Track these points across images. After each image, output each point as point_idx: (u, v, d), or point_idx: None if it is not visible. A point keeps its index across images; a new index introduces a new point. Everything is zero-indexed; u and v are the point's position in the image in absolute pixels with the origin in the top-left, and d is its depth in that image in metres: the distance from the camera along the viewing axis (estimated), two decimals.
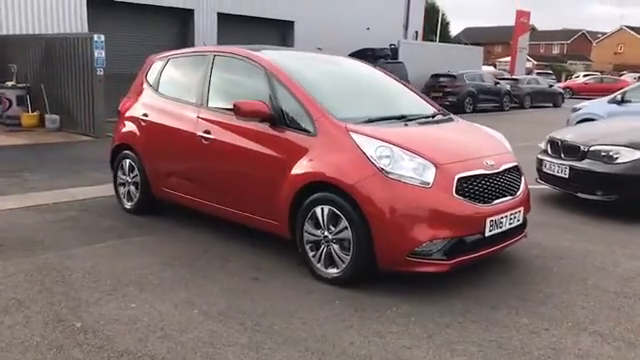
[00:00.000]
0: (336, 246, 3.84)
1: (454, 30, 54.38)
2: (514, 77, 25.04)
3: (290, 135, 4.13)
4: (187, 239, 4.87)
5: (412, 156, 3.73)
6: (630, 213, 5.74)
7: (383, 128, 4.08)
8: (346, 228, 3.75)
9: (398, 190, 3.62)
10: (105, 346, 2.99)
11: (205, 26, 18.33)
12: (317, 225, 3.94)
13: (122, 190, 5.80)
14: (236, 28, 19.26)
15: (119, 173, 5.81)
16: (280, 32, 21.42)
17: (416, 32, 25.90)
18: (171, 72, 5.49)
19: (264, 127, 4.29)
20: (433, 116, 4.68)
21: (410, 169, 3.67)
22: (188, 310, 3.47)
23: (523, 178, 4.34)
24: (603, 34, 60.55)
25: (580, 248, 4.80)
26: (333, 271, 3.88)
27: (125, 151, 5.69)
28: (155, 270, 4.12)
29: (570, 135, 6.32)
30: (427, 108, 4.86)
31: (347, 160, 3.80)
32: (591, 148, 5.84)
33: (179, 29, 17.91)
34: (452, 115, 4.88)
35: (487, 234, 3.80)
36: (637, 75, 34.88)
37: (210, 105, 4.83)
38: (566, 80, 40.38)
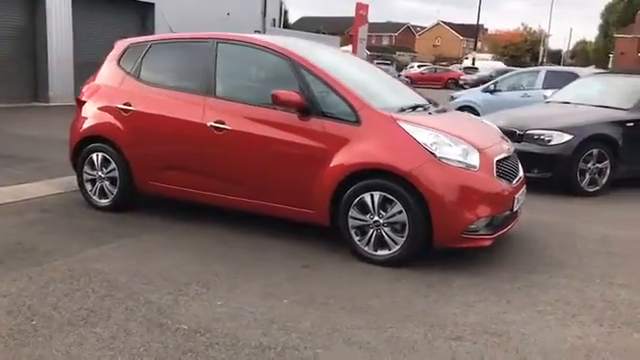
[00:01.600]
0: (387, 229, 4.07)
1: (291, 19, 55.51)
2: None
3: (329, 125, 4.23)
4: (199, 234, 4.71)
5: (457, 141, 4.09)
6: (563, 188, 6.72)
7: (420, 116, 4.39)
8: (400, 212, 3.99)
9: (452, 174, 3.96)
10: (237, 343, 2.92)
11: (57, 7, 16.70)
12: (364, 210, 4.13)
13: (91, 187, 5.34)
14: (92, 10, 17.88)
15: (86, 169, 5.33)
16: (139, 15, 20.29)
17: (274, 19, 26.22)
18: (157, 59, 5.17)
19: (292, 117, 4.33)
20: (428, 107, 5.04)
21: (457, 154, 4.03)
22: (277, 301, 3.46)
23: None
24: (422, 28, 66.54)
25: (547, 219, 5.57)
26: (384, 252, 4.10)
27: (95, 144, 5.25)
28: (200, 267, 3.96)
29: (502, 121, 7.14)
30: (422, 98, 5.24)
31: (400, 147, 4.04)
32: (527, 132, 6.71)
33: (29, 9, 16.12)
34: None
35: (514, 210, 4.31)
36: (462, 66, 39.23)
37: (220, 94, 4.70)
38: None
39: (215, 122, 4.60)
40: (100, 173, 5.26)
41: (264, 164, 4.49)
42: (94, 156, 5.27)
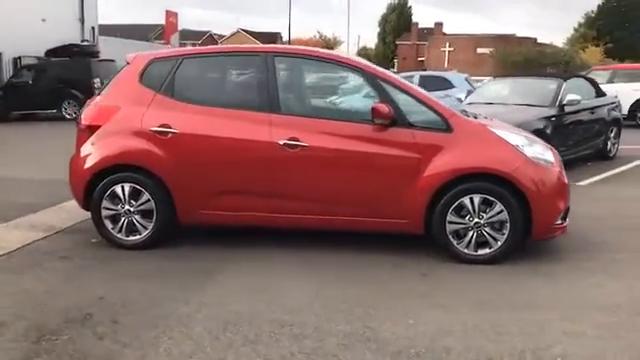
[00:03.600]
0: (487, 229, 4.31)
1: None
2: None
3: (419, 134, 4.32)
4: (275, 258, 4.44)
5: (534, 141, 4.50)
6: None
7: (492, 122, 4.69)
8: (500, 211, 4.26)
9: (542, 171, 4.35)
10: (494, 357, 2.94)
11: None
12: (460, 214, 4.31)
13: (112, 224, 4.62)
14: None
15: (106, 204, 4.60)
16: None
17: (93, 28, 24.20)
18: (194, 74, 4.68)
19: (373, 128, 4.33)
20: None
21: (538, 152, 4.44)
22: (455, 311, 3.49)
23: None
24: (222, 36, 66.79)
25: None
26: (486, 251, 4.32)
27: (120, 174, 4.57)
28: (334, 292, 3.77)
29: None
30: None
31: (498, 151, 4.31)
32: None
33: None
34: None
35: None
36: None
37: (286, 111, 4.46)
38: None
39: (288, 139, 4.36)
40: (128, 207, 4.59)
41: (350, 179, 4.39)
42: (118, 188, 4.58)
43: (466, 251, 4.35)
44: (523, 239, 4.38)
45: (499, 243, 4.32)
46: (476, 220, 4.31)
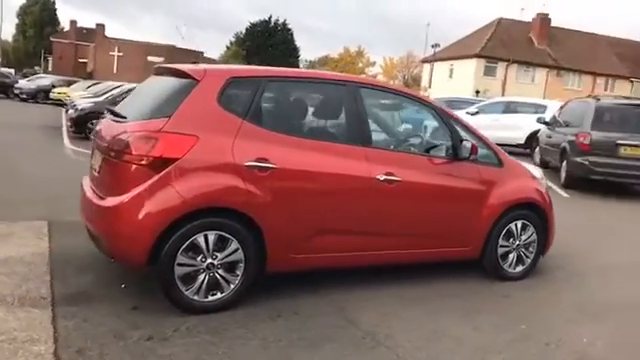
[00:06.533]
0: (523, 249, 5.00)
1: None
2: None
3: (482, 169, 4.73)
4: (392, 294, 4.21)
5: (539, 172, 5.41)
6: None
7: None
8: (532, 233, 5.01)
9: (549, 197, 5.26)
10: None
11: None
12: (507, 238, 4.90)
13: (186, 285, 3.62)
14: None
15: (181, 259, 3.59)
16: None
17: None
18: (280, 101, 3.99)
19: (446, 162, 4.57)
20: None
21: (543, 182, 5.35)
22: (606, 322, 4.12)
23: None
24: None
25: None
26: (520, 268, 4.99)
27: (204, 220, 3.64)
28: (462, 329, 3.86)
29: None
30: None
31: (530, 183, 5.05)
32: None
33: None
34: None
35: None
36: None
37: (377, 144, 4.29)
38: None
39: (385, 174, 4.21)
40: (210, 260, 3.67)
41: (436, 212, 4.52)
42: (200, 238, 3.62)
43: (509, 270, 4.95)
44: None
45: (529, 260, 5.06)
46: (517, 242, 4.96)
